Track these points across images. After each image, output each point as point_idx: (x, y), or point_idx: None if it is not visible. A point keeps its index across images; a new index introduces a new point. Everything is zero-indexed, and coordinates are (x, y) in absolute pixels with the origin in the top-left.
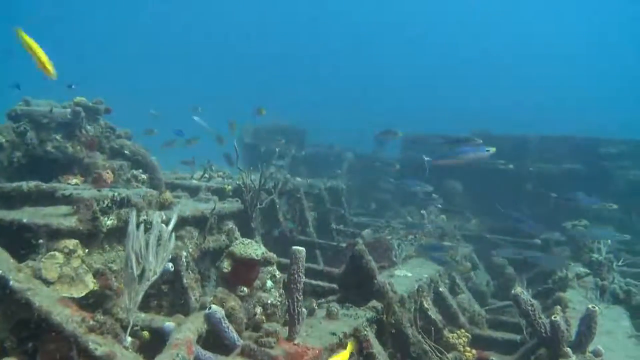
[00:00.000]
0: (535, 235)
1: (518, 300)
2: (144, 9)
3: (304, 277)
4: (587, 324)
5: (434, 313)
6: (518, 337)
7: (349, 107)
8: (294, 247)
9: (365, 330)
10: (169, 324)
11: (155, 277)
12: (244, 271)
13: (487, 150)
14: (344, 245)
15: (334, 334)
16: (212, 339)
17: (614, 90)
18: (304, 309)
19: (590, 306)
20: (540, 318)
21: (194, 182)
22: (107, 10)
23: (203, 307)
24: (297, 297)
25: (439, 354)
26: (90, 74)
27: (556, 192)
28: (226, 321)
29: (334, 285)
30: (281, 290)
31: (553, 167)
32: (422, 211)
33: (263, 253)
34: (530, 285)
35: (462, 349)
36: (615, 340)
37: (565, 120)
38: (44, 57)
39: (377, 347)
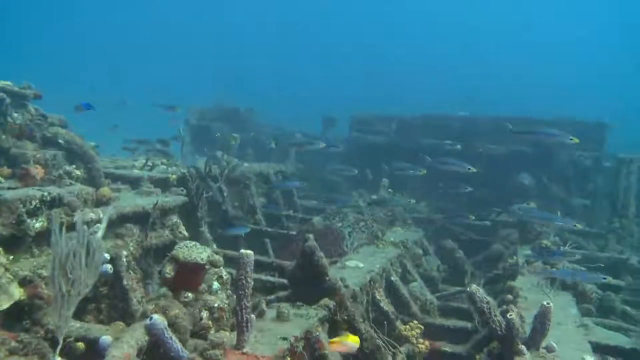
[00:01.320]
0: (485, 218)
1: (474, 298)
2: None
3: (252, 282)
4: (541, 320)
5: (386, 304)
6: (469, 325)
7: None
8: (242, 251)
9: (317, 330)
10: (105, 337)
11: (87, 289)
12: (189, 276)
13: None
14: (294, 233)
15: (284, 338)
16: (155, 351)
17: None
18: (252, 315)
19: (544, 303)
20: (495, 316)
21: (136, 171)
22: None
23: (144, 315)
24: (245, 304)
25: (392, 348)
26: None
27: (504, 173)
28: (169, 331)
29: (285, 280)
30: (229, 292)
31: (501, 148)
32: (372, 196)
33: (209, 256)
34: (479, 268)
35: (415, 341)
36: (565, 332)
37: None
38: None
39: (329, 348)
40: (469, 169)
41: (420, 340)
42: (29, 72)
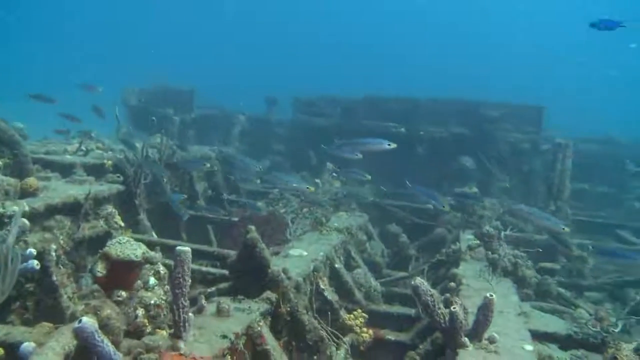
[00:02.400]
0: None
1: (418, 291)
2: None
3: (189, 280)
4: (484, 312)
5: (330, 293)
6: (412, 312)
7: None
8: (179, 248)
9: (259, 325)
10: (27, 345)
11: (4, 297)
12: (122, 274)
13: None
14: (236, 219)
15: (225, 336)
16: (84, 355)
17: None
18: (190, 314)
19: (488, 295)
20: (439, 309)
21: (68, 157)
22: None
23: (73, 316)
24: (182, 303)
25: (335, 339)
26: None
27: (445, 156)
28: (100, 334)
29: (226, 272)
30: (166, 287)
31: (442, 130)
32: (316, 180)
33: (144, 253)
34: (422, 251)
35: (358, 331)
36: (506, 321)
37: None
38: None
39: (271, 342)
40: (388, 144)
41: (364, 329)
42: None
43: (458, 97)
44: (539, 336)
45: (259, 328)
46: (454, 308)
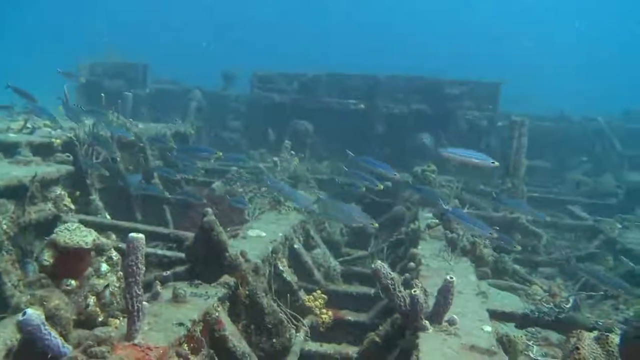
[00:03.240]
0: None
1: (378, 274)
2: None
3: (143, 268)
4: (444, 295)
5: (289, 275)
6: (372, 291)
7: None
8: (132, 235)
9: (217, 310)
10: None
11: None
12: (71, 263)
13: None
14: (192, 199)
15: (181, 323)
16: (29, 349)
17: None
18: (145, 302)
19: (448, 277)
20: (400, 292)
21: (12, 135)
22: None
23: (18, 307)
24: (135, 292)
25: (295, 322)
26: None
27: (405, 133)
28: (47, 326)
29: (182, 255)
30: (120, 274)
31: (402, 107)
32: (274, 158)
33: (94, 240)
34: (381, 229)
35: (318, 312)
36: (465, 301)
37: None
38: None
39: (229, 328)
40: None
41: (324, 310)
42: None
43: (418, 74)
44: (496, 316)
45: (217, 314)
46: (415, 291)
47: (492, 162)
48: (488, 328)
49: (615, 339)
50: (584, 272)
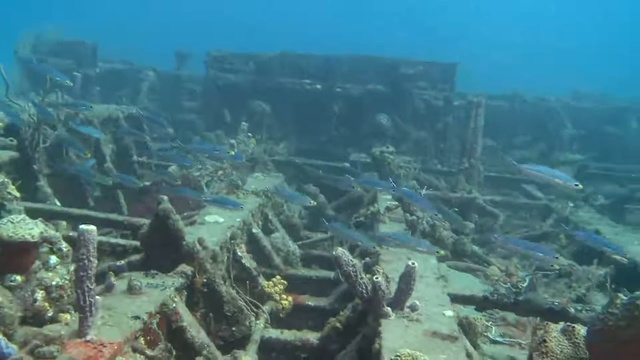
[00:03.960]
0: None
1: (339, 262)
2: None
3: (95, 261)
4: (406, 280)
5: (248, 260)
6: (332, 275)
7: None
8: (82, 227)
9: (174, 301)
10: None
11: None
12: (16, 258)
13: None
14: (148, 183)
15: (137, 317)
16: None
17: None
18: (98, 297)
19: (410, 262)
20: (361, 279)
21: None
22: None
23: None
24: (87, 287)
25: (254, 309)
26: None
27: (361, 113)
28: None
29: (137, 243)
30: (71, 267)
31: (358, 87)
32: (231, 140)
33: (42, 232)
34: (340, 211)
35: (278, 298)
36: (426, 286)
37: None
38: None
39: (187, 319)
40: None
41: (284, 296)
42: None
43: (375, 54)
44: (457, 299)
45: (174, 304)
46: (376, 278)
47: (576, 185)
48: (449, 313)
49: (581, 330)
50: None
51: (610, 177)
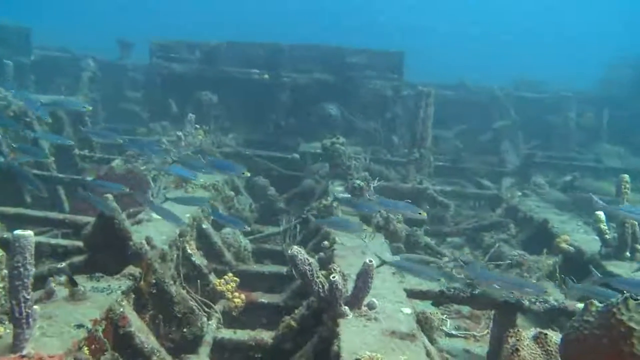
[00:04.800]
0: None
1: (295, 261)
2: None
3: (32, 269)
4: (364, 279)
5: (198, 258)
6: (284, 270)
7: None
8: (17, 233)
9: (121, 305)
10: None
11: None
12: None
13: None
14: (90, 179)
15: (80, 325)
16: None
17: None
18: (35, 307)
19: (367, 261)
20: (318, 278)
21: None
22: None
23: None
24: (24, 297)
25: (206, 309)
26: None
27: (308, 103)
28: None
29: (80, 244)
30: (4, 272)
31: (305, 77)
32: (178, 132)
33: None
34: (291, 204)
35: (230, 296)
36: (382, 282)
37: None
38: None
39: (135, 323)
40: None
41: (236, 294)
42: None
43: (322, 43)
44: (413, 295)
45: (121, 309)
46: (334, 277)
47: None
48: (407, 310)
49: (553, 337)
50: None
51: (553, 165)
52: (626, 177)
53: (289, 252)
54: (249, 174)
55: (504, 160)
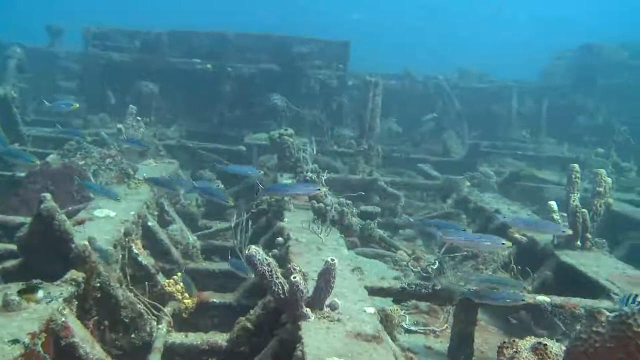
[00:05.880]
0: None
1: (253, 261)
2: None
3: None
4: (326, 278)
5: (145, 258)
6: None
7: None
8: None
9: (63, 314)
10: None
11: None
12: None
13: None
14: (22, 174)
15: (15, 341)
16: None
17: None
18: None
19: (329, 259)
20: (277, 279)
21: None
22: None
23: None
24: None
25: (155, 311)
26: None
27: (254, 94)
28: None
29: (13, 247)
30: None
31: (251, 66)
32: (118, 125)
33: None
34: (239, 198)
35: (180, 297)
36: (342, 279)
37: None
38: None
39: (79, 333)
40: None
41: (186, 295)
42: None
43: (267, 32)
44: (374, 292)
45: (63, 318)
46: (294, 277)
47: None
48: (371, 310)
49: (553, 347)
50: None
51: (498, 154)
52: (576, 166)
53: (247, 252)
54: (232, 204)
55: (449, 150)
